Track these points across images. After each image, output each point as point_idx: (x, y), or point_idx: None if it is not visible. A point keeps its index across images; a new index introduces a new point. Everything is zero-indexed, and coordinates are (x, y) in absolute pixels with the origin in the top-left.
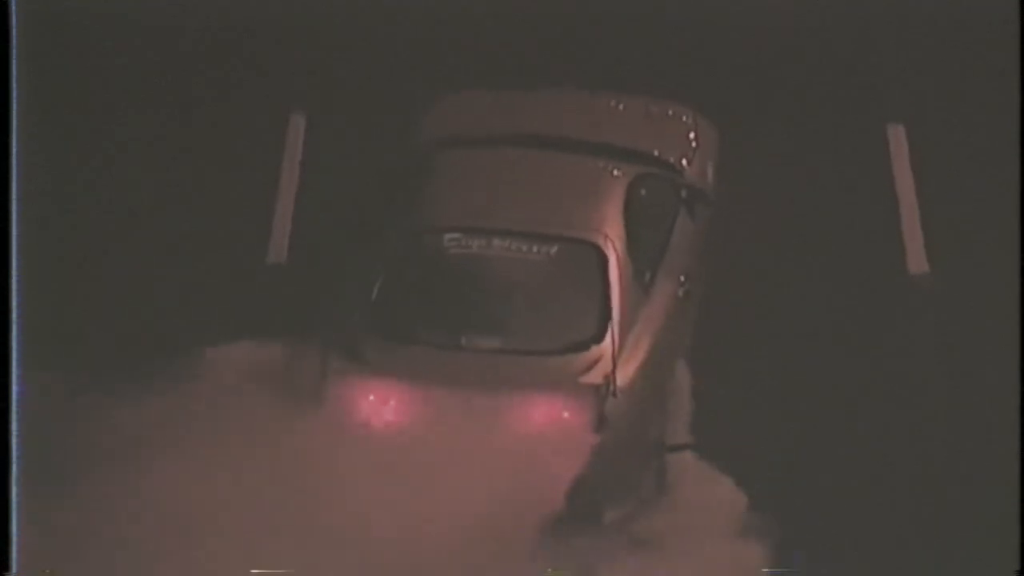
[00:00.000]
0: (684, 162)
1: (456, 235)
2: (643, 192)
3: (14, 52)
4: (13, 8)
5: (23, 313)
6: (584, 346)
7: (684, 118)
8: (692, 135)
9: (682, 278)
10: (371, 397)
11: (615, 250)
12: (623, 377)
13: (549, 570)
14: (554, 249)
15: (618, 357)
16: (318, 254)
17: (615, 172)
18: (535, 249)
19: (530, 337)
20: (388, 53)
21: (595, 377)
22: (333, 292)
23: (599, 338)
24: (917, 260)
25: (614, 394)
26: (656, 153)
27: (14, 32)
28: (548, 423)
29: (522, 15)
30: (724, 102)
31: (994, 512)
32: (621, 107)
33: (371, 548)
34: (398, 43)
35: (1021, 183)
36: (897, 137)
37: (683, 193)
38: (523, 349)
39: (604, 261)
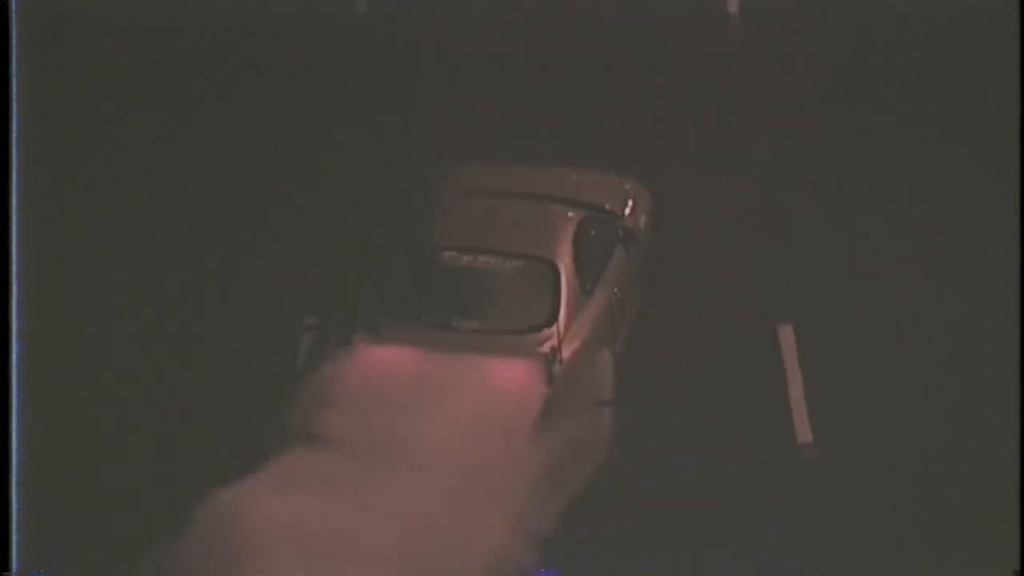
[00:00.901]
0: (625, 212)
1: (453, 252)
2: (591, 229)
3: (14, 52)
4: (13, 8)
5: (23, 313)
6: (540, 328)
7: (626, 186)
8: (631, 197)
9: (616, 290)
10: (385, 359)
11: (565, 266)
12: (567, 351)
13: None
14: (522, 263)
15: (563, 338)
16: (354, 260)
17: (569, 215)
18: (507, 263)
19: (502, 321)
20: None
21: (546, 350)
22: (360, 288)
23: (551, 324)
24: (803, 432)
25: (560, 362)
26: (604, 205)
27: (14, 32)
28: (513, 379)
29: (504, 95)
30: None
31: (994, 512)
32: (583, 176)
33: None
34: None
35: (1020, 204)
36: (787, 337)
37: (620, 232)
38: (496, 330)
39: (557, 273)
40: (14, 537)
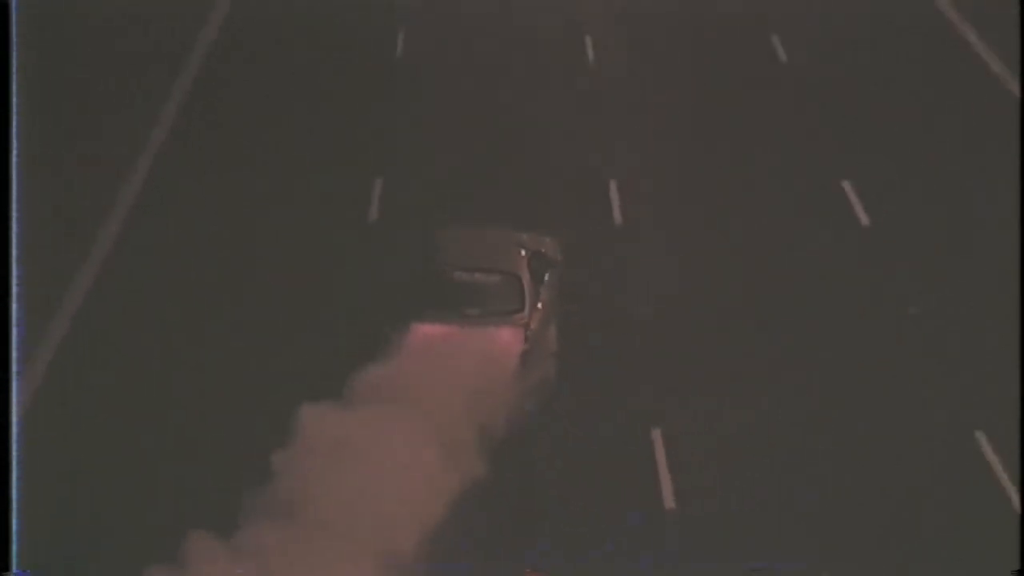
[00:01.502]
0: (549, 253)
1: (461, 271)
2: (534, 261)
3: (14, 52)
4: (13, 8)
5: (23, 312)
6: (515, 313)
7: (547, 239)
8: (551, 246)
9: (549, 295)
10: (419, 333)
11: (525, 279)
12: (533, 324)
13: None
14: (500, 277)
15: (530, 317)
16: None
17: (522, 252)
18: (494, 277)
19: (493, 309)
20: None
21: (522, 323)
22: (411, 295)
23: (522, 310)
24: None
25: (529, 331)
26: (540, 249)
27: (14, 32)
28: (504, 339)
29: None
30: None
31: (994, 513)
32: (526, 235)
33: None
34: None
35: (1020, 201)
36: (658, 442)
37: (547, 264)
38: (491, 314)
39: (522, 283)
40: (14, 537)
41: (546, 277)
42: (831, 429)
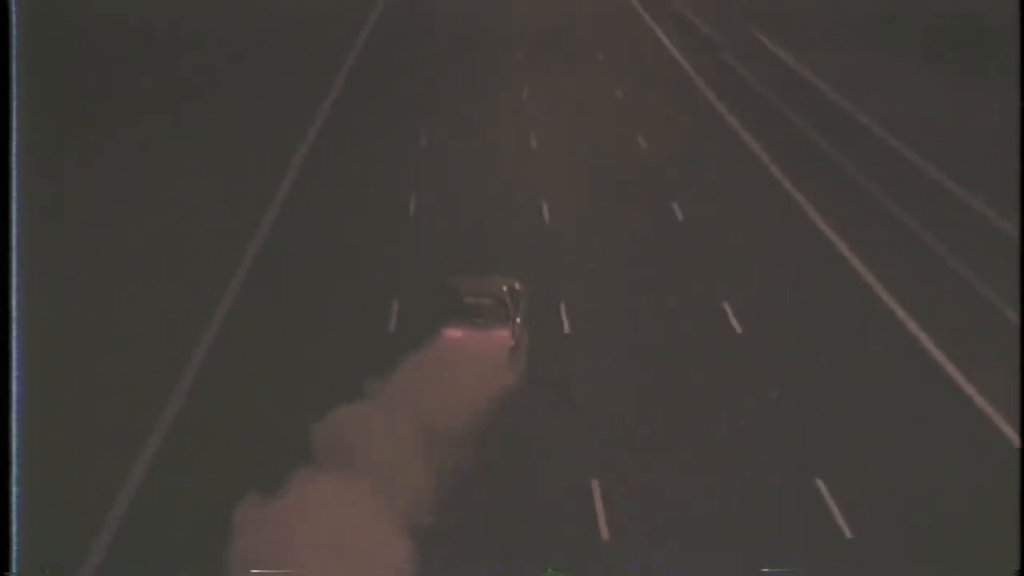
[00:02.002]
0: (522, 288)
1: (470, 297)
2: (512, 292)
3: (14, 52)
4: (13, 8)
5: (23, 313)
6: (506, 323)
7: (517, 282)
8: (523, 285)
9: (522, 315)
10: (450, 334)
11: (509, 303)
12: (516, 330)
13: (549, 569)
14: (493, 301)
15: (513, 326)
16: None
17: (504, 288)
18: (490, 300)
19: (492, 321)
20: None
21: (510, 329)
22: (441, 313)
23: (508, 321)
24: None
25: (515, 333)
26: (514, 286)
27: (14, 32)
28: (499, 338)
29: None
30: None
31: (994, 512)
32: (504, 278)
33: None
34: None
35: (1020, 200)
36: (596, 490)
37: (518, 295)
38: (491, 322)
39: (507, 306)
40: (14, 537)
41: (520, 304)
42: (723, 477)
